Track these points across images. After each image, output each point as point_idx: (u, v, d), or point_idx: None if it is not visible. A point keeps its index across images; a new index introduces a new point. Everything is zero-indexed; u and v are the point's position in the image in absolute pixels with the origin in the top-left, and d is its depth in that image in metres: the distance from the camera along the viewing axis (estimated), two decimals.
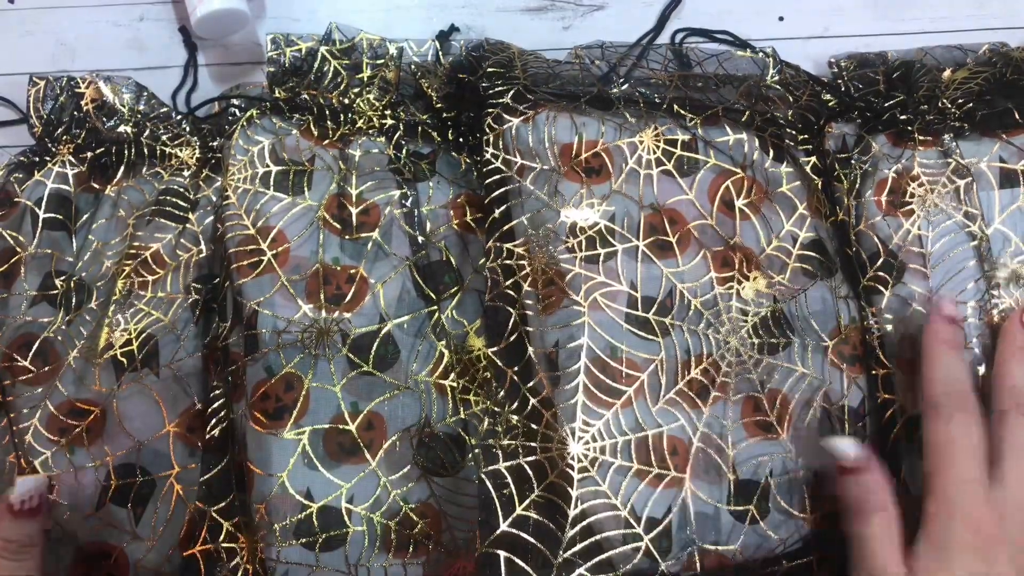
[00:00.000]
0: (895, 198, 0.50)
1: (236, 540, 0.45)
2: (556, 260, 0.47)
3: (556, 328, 0.46)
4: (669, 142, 0.50)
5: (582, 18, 0.62)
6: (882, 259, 0.49)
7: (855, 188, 0.51)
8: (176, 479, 0.47)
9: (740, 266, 0.48)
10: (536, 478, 0.43)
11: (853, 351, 0.49)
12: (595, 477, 0.43)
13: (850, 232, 0.50)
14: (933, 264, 0.48)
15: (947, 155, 0.50)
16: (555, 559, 0.42)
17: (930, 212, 0.49)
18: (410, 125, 0.54)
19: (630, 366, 0.45)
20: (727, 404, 0.46)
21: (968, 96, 0.52)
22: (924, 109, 0.52)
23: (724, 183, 0.50)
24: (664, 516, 0.44)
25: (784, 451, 0.46)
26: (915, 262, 0.49)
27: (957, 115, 0.52)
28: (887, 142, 0.52)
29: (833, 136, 0.53)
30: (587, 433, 0.44)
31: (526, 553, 0.42)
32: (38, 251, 0.52)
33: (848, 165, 0.52)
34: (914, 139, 0.51)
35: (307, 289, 0.47)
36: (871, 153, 0.51)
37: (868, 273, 0.49)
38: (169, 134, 0.55)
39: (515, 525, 0.42)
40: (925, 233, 0.49)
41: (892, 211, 0.50)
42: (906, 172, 0.50)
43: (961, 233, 0.49)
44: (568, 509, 0.43)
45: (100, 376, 0.48)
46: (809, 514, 0.46)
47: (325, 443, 0.45)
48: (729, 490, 0.45)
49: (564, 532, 0.42)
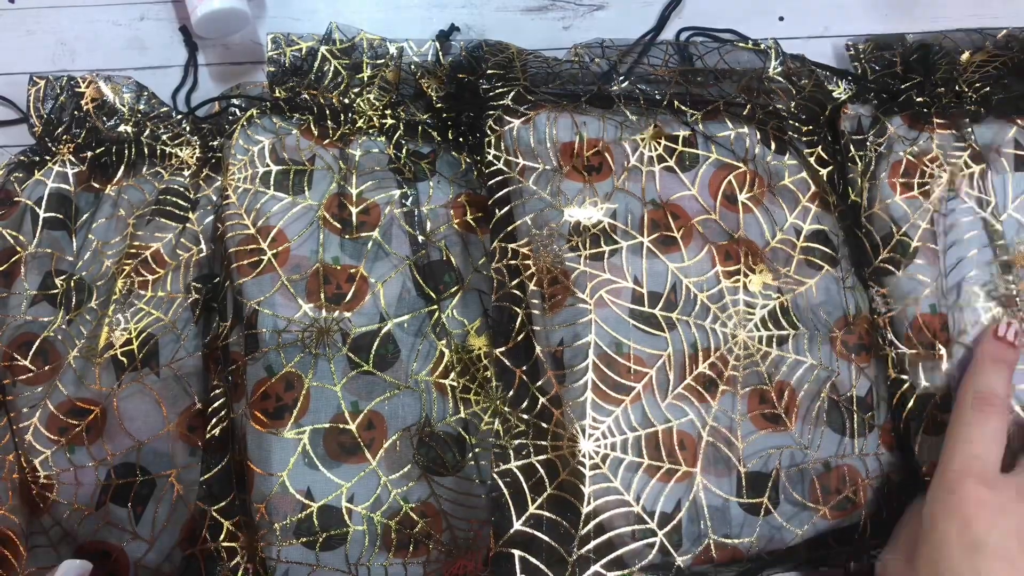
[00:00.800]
0: (910, 180, 0.50)
1: (236, 539, 0.45)
2: (560, 259, 0.47)
3: (562, 326, 0.46)
4: (670, 138, 0.50)
5: (582, 18, 0.62)
6: (895, 240, 0.49)
7: (870, 170, 0.51)
8: (176, 479, 0.47)
9: (745, 260, 0.48)
10: (548, 476, 0.43)
11: (860, 340, 0.49)
12: (607, 473, 0.43)
13: (861, 214, 0.50)
14: (944, 247, 0.48)
15: (963, 140, 0.50)
16: (569, 556, 0.42)
17: (944, 195, 0.49)
18: (410, 125, 0.54)
19: (637, 362, 0.45)
20: (735, 397, 0.46)
21: (985, 80, 0.53)
22: (941, 92, 0.52)
23: (726, 177, 0.50)
24: (675, 511, 0.44)
25: (793, 443, 0.46)
26: (929, 243, 0.49)
27: (974, 99, 0.52)
28: (903, 124, 0.52)
29: (848, 117, 0.53)
30: (597, 430, 0.44)
31: (540, 552, 0.42)
32: (38, 250, 0.52)
33: (863, 147, 0.52)
34: (931, 122, 0.50)
35: (307, 288, 0.47)
36: (886, 135, 0.51)
37: (880, 254, 0.49)
38: (169, 134, 0.55)
39: (528, 524, 0.42)
40: (939, 215, 0.49)
41: (906, 192, 0.50)
42: (922, 154, 0.50)
43: (974, 218, 0.48)
44: (581, 506, 0.43)
45: (100, 376, 0.48)
46: (821, 504, 0.46)
47: (325, 442, 0.45)
48: (740, 483, 0.45)
49: (577, 529, 0.42)
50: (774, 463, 0.46)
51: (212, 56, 0.60)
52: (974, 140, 0.50)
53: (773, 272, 0.48)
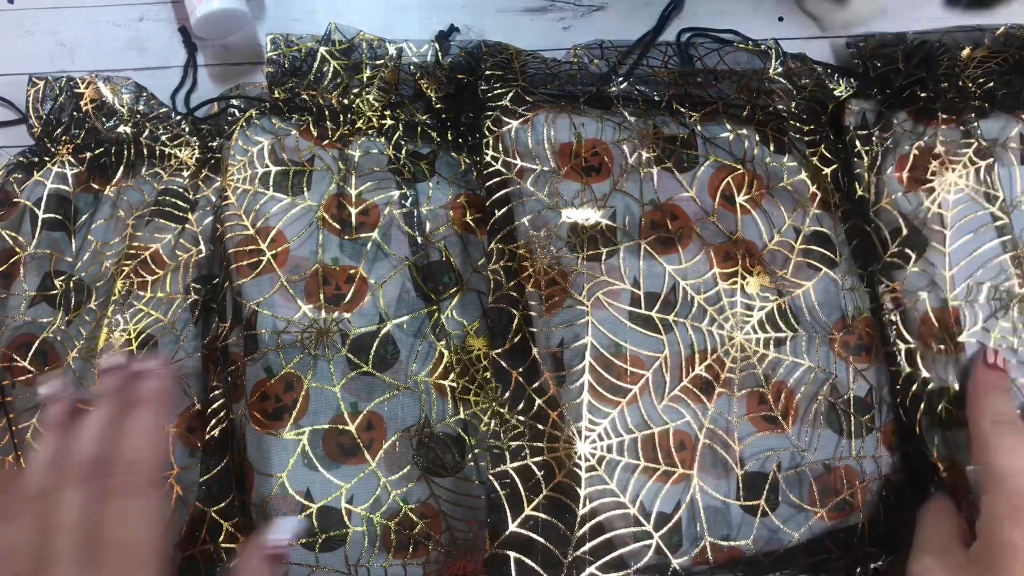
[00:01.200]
0: (917, 174, 0.50)
1: (236, 540, 0.45)
2: (558, 260, 0.47)
3: (560, 328, 0.46)
4: (668, 139, 0.50)
5: (582, 18, 0.62)
6: (904, 234, 0.49)
7: (876, 164, 0.51)
8: (176, 479, 0.47)
9: (743, 261, 0.48)
10: (544, 478, 0.43)
11: (859, 342, 0.49)
12: (603, 475, 0.43)
13: (869, 209, 0.50)
14: (953, 242, 0.48)
15: (969, 134, 0.50)
16: (565, 558, 0.42)
17: (952, 190, 0.49)
18: (409, 126, 0.54)
19: (634, 364, 0.45)
20: (732, 399, 0.46)
21: (988, 75, 0.53)
22: (945, 87, 0.52)
23: (724, 179, 0.50)
24: (673, 512, 0.44)
25: (791, 445, 0.46)
26: (936, 239, 0.48)
27: (977, 94, 0.52)
28: (907, 119, 0.51)
29: (853, 113, 0.53)
30: (593, 432, 0.44)
31: (536, 554, 0.42)
32: (37, 251, 0.52)
33: (869, 142, 0.52)
34: (936, 116, 0.50)
35: (307, 289, 0.47)
36: (892, 130, 0.51)
37: (890, 249, 0.49)
38: (168, 134, 0.55)
39: (524, 526, 0.42)
40: (946, 211, 0.49)
41: (913, 187, 0.49)
42: (928, 149, 0.50)
43: (983, 213, 0.48)
44: (577, 508, 0.43)
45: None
46: (819, 507, 0.46)
47: (325, 443, 0.45)
48: (737, 484, 0.45)
49: (573, 531, 0.42)
50: (772, 465, 0.46)
51: (211, 57, 0.60)
52: (980, 135, 0.50)
53: (771, 274, 0.48)
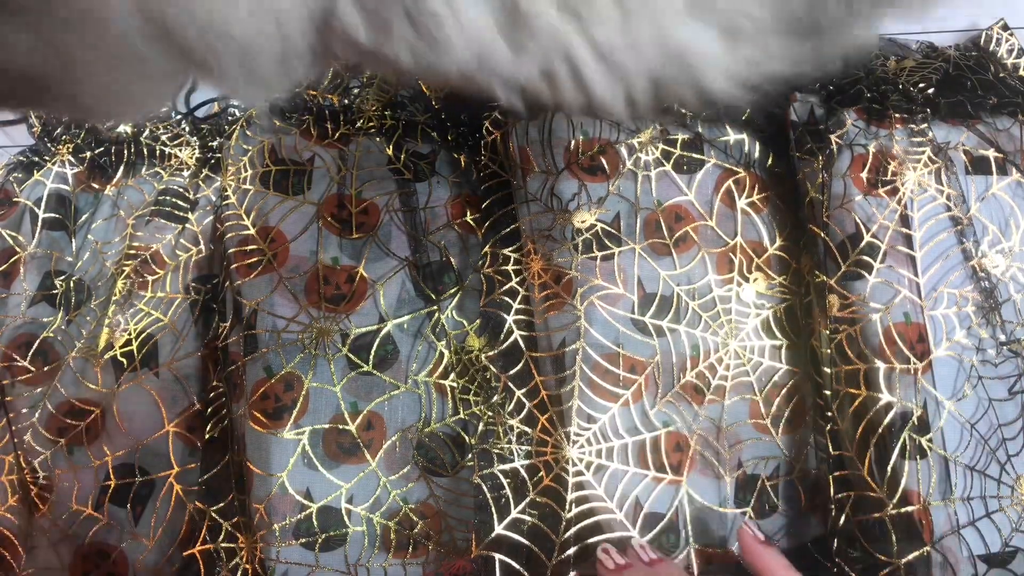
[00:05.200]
0: (874, 176, 0.47)
1: (236, 540, 0.45)
2: (555, 262, 0.47)
3: (555, 330, 0.46)
4: (669, 142, 0.50)
5: None
6: (864, 241, 0.45)
7: (832, 163, 0.47)
8: (175, 479, 0.47)
9: (740, 267, 0.48)
10: (532, 481, 0.43)
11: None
12: (591, 480, 0.43)
13: (822, 212, 0.46)
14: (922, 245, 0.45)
15: (922, 135, 0.48)
16: (550, 561, 0.42)
17: (914, 192, 0.46)
18: (409, 125, 0.54)
19: (629, 367, 0.45)
20: (724, 405, 0.46)
21: (927, 82, 0.52)
22: (888, 89, 0.51)
23: (725, 183, 0.50)
24: (664, 515, 0.44)
25: (781, 451, 0.46)
26: (899, 244, 0.45)
27: (921, 99, 0.50)
28: (858, 118, 0.49)
29: (800, 104, 0.50)
30: (582, 436, 0.44)
31: (521, 556, 0.42)
32: (37, 251, 0.52)
33: (821, 139, 0.48)
34: (889, 116, 0.48)
35: (306, 289, 0.47)
36: (845, 127, 0.48)
37: (849, 257, 0.45)
38: (168, 134, 0.55)
39: (510, 528, 0.43)
40: (910, 214, 0.46)
41: (872, 190, 0.46)
42: (884, 150, 0.47)
43: (944, 217, 0.46)
44: (563, 512, 0.43)
45: (100, 376, 0.48)
46: (808, 513, 0.46)
47: (325, 443, 0.45)
48: (728, 489, 0.45)
49: (559, 535, 0.42)
50: (761, 471, 0.46)
51: None
52: (933, 137, 0.48)
53: (768, 280, 0.48)
